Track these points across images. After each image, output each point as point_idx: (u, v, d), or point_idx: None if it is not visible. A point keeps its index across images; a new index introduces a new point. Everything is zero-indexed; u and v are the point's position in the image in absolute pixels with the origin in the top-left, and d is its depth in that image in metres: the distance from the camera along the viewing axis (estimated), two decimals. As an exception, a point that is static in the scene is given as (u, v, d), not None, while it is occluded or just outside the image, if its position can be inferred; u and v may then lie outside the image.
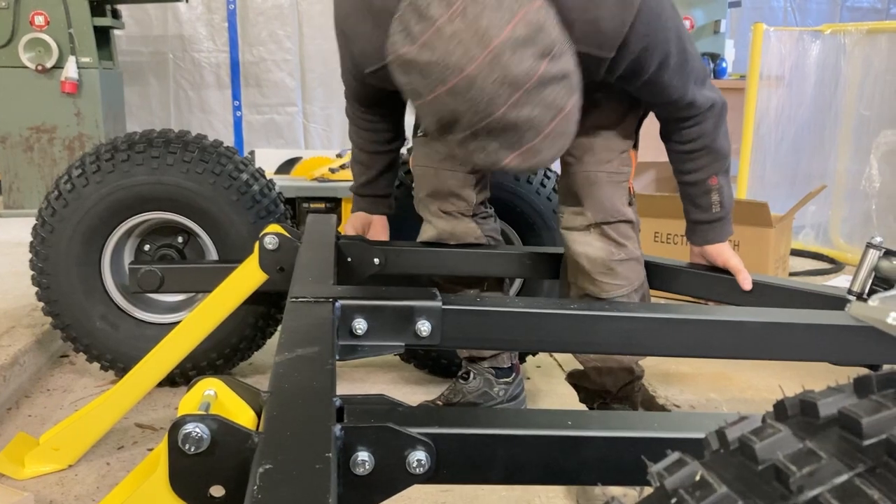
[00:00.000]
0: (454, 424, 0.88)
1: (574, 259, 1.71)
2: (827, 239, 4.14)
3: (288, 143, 5.61)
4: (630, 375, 1.83)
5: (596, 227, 1.68)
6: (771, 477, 0.41)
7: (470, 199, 1.85)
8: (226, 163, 2.11)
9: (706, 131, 1.67)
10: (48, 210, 2.08)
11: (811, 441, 0.41)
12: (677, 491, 0.43)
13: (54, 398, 2.19)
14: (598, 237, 1.68)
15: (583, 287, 1.73)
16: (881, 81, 3.88)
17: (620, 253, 1.69)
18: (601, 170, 1.67)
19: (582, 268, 1.69)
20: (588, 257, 1.68)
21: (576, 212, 1.71)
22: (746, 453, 0.43)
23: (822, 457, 0.40)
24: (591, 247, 1.68)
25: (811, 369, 2.37)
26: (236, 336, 2.16)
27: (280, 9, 5.52)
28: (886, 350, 1.36)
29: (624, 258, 1.69)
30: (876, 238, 1.46)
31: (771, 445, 0.43)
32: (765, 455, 0.42)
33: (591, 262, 1.68)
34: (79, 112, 4.55)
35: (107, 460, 1.83)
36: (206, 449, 0.77)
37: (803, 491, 0.39)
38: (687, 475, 0.44)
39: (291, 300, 1.21)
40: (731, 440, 0.45)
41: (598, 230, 1.69)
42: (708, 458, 0.46)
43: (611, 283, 1.69)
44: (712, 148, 1.67)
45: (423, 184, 1.86)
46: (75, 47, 4.44)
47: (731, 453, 0.45)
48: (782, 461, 0.41)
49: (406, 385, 2.32)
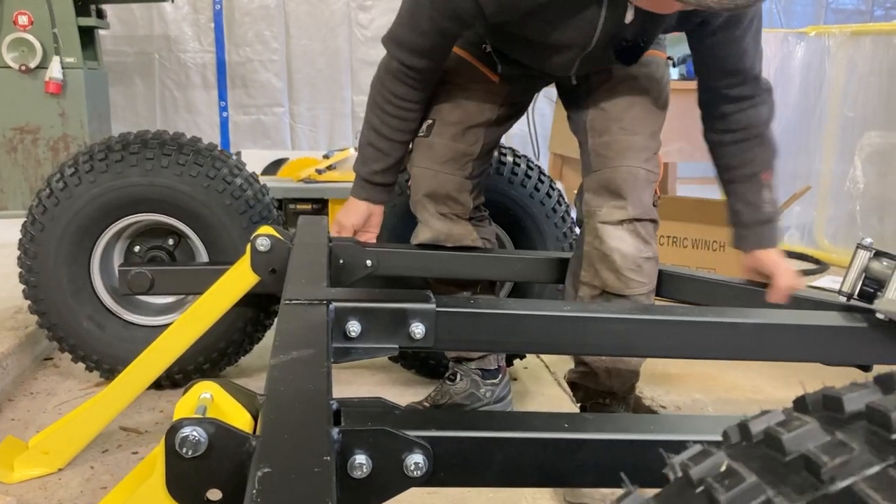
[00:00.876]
0: (451, 427, 0.89)
1: (603, 254, 1.68)
2: (812, 239, 4.17)
3: (274, 144, 5.59)
4: (635, 378, 1.84)
5: (630, 223, 1.67)
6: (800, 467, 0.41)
7: (467, 203, 1.86)
8: (220, 167, 2.10)
9: (762, 117, 1.64)
10: (39, 208, 2.06)
11: (840, 433, 0.42)
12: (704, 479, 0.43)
13: (38, 401, 2.17)
14: (631, 233, 1.67)
15: (605, 284, 1.70)
16: (865, 83, 3.91)
17: (647, 251, 1.69)
18: (643, 166, 1.68)
19: (612, 263, 1.67)
20: (621, 252, 1.67)
21: (617, 206, 1.67)
22: (772, 445, 0.43)
23: (854, 448, 0.40)
24: (624, 242, 1.67)
25: (797, 369, 2.39)
26: (224, 340, 2.15)
27: (267, 9, 5.50)
28: (877, 350, 1.37)
29: (650, 256, 1.69)
30: (866, 239, 1.48)
31: (799, 437, 0.42)
32: (793, 446, 0.42)
33: (623, 258, 1.66)
34: (63, 113, 4.51)
35: (91, 464, 1.81)
36: (203, 452, 0.76)
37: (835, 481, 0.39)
38: (713, 465, 0.44)
39: (285, 302, 1.21)
40: (756, 433, 0.45)
41: (631, 226, 1.67)
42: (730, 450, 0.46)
43: (637, 281, 1.68)
44: (766, 137, 1.64)
45: (422, 184, 1.84)
46: (59, 47, 4.41)
47: (755, 445, 0.45)
48: (813, 451, 0.41)
49: (394, 386, 2.32)
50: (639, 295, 1.69)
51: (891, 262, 1.42)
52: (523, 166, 2.24)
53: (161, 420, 2.06)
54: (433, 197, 1.84)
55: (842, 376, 2.21)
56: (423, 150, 1.85)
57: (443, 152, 1.82)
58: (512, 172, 2.21)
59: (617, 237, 1.67)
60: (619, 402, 1.86)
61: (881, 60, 3.81)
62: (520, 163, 2.24)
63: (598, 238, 1.69)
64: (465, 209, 1.86)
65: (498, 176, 2.18)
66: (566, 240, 2.25)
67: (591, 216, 1.72)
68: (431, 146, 1.83)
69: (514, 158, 2.25)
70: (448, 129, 1.83)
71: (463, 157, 1.83)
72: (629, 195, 1.67)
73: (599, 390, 1.85)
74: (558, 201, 2.25)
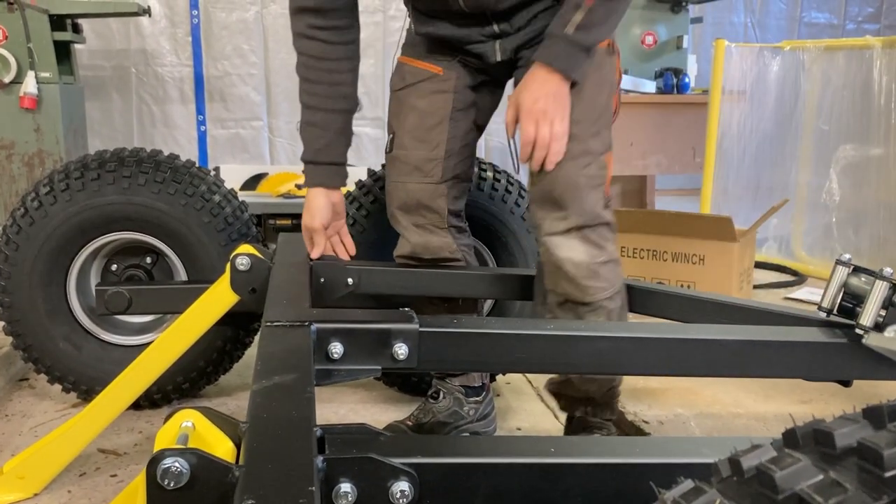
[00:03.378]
0: (437, 454, 0.88)
1: (556, 265, 1.67)
2: (790, 251, 4.21)
3: (253, 158, 5.56)
4: (615, 381, 1.83)
5: (577, 230, 1.65)
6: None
7: (441, 210, 1.83)
8: (198, 184, 2.09)
9: None
10: (13, 227, 2.03)
11: (833, 472, 0.41)
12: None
13: (13, 424, 2.13)
14: (581, 241, 1.65)
15: (565, 293, 1.69)
16: (839, 97, 3.96)
17: (602, 255, 1.67)
18: (581, 173, 1.64)
19: (566, 273, 1.66)
20: (573, 262, 1.65)
21: (558, 217, 1.65)
22: (765, 482, 0.43)
23: (848, 487, 0.39)
24: (574, 251, 1.65)
25: (777, 384, 2.41)
26: (203, 359, 2.13)
27: (245, 23, 5.48)
28: (857, 366, 1.38)
29: (605, 260, 1.67)
30: (844, 255, 1.49)
31: (792, 475, 0.42)
32: (786, 485, 0.42)
33: (575, 267, 1.65)
34: (38, 128, 4.46)
35: (69, 488, 1.78)
36: (185, 484, 0.75)
37: None
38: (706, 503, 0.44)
39: (266, 324, 1.20)
40: (747, 468, 0.45)
41: (579, 234, 1.65)
42: (720, 485, 0.46)
43: (595, 286, 1.66)
44: None
45: (394, 198, 1.85)
46: (34, 62, 4.36)
47: (747, 482, 0.44)
48: (806, 491, 0.40)
49: (375, 404, 2.30)
50: (603, 299, 1.67)
51: (869, 278, 1.43)
52: (503, 182, 2.24)
53: (140, 441, 2.03)
54: (404, 209, 1.84)
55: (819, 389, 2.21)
56: (390, 164, 1.86)
57: (406, 162, 1.81)
58: (492, 188, 2.22)
59: (566, 247, 1.65)
60: (602, 409, 1.85)
61: (854, 75, 3.86)
62: (500, 178, 2.25)
63: (548, 250, 1.68)
64: (441, 217, 1.83)
65: (478, 192, 2.18)
66: (547, 255, 2.25)
67: (537, 229, 1.70)
68: (395, 158, 1.83)
69: (494, 174, 2.25)
70: (407, 137, 1.82)
71: (428, 162, 1.80)
72: (570, 205, 1.64)
73: (578, 397, 1.84)
74: (539, 217, 2.26)
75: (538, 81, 1.59)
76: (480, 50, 1.77)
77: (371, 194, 2.18)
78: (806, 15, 6.59)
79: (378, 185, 2.16)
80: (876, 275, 1.39)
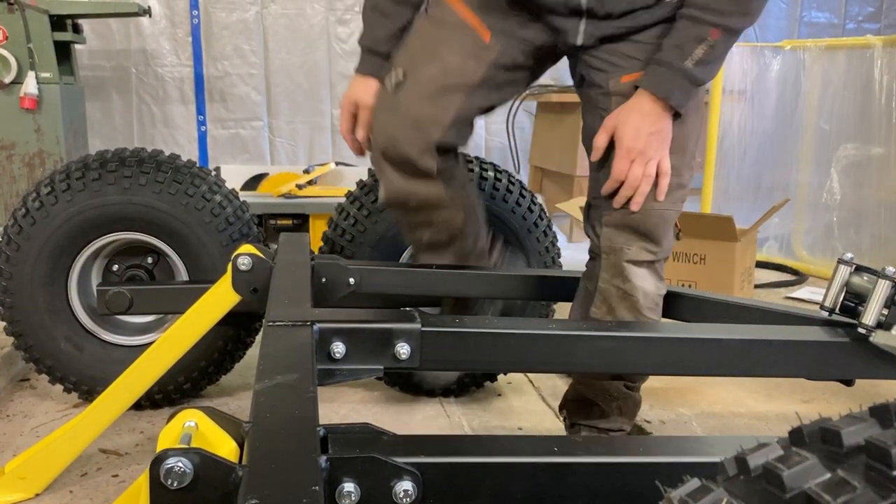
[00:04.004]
0: (440, 453, 0.88)
1: (626, 293, 1.61)
2: (790, 251, 4.21)
3: (253, 158, 5.56)
4: None
5: (657, 262, 1.63)
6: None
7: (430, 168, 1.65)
8: (199, 184, 2.08)
9: None
10: (14, 228, 2.03)
11: (841, 470, 0.41)
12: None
13: (14, 424, 2.13)
14: (653, 273, 1.63)
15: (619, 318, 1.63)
16: (839, 96, 3.96)
17: (663, 287, 1.67)
18: (673, 208, 1.60)
19: (635, 303, 1.61)
20: (645, 292, 1.61)
21: (645, 247, 1.59)
22: (772, 481, 0.43)
23: (856, 486, 0.39)
24: (646, 281, 1.62)
25: (779, 383, 2.41)
26: (205, 359, 2.13)
27: (245, 23, 5.47)
28: (860, 365, 1.38)
29: (664, 293, 1.68)
30: (846, 255, 1.49)
31: (800, 473, 0.42)
32: (794, 483, 0.42)
33: (645, 297, 1.62)
34: (39, 128, 4.46)
35: (70, 489, 1.77)
36: (188, 484, 0.75)
37: None
38: (712, 502, 0.44)
39: (268, 324, 1.20)
40: (754, 467, 0.45)
41: (656, 266, 1.63)
42: (727, 484, 0.45)
43: (652, 319, 1.65)
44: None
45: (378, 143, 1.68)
46: (35, 62, 4.36)
47: (754, 480, 0.44)
48: (814, 490, 0.40)
49: (377, 404, 2.30)
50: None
51: (871, 276, 1.43)
52: (504, 181, 2.24)
53: (142, 441, 2.03)
54: (390, 159, 1.66)
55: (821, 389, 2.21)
56: (386, 107, 1.67)
57: (406, 115, 1.62)
58: (493, 188, 2.21)
59: (643, 276, 1.61)
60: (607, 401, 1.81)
61: (855, 74, 3.87)
62: (501, 178, 2.24)
63: (622, 276, 1.61)
64: (430, 172, 1.66)
65: (479, 192, 2.18)
66: (548, 254, 2.25)
67: (615, 253, 1.61)
68: (396, 106, 1.64)
69: (496, 174, 2.25)
70: (420, 87, 1.62)
71: (431, 123, 1.62)
72: (660, 239, 1.60)
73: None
74: (540, 216, 2.25)
75: (642, 114, 1.49)
76: (561, 25, 1.58)
77: (373, 194, 2.18)
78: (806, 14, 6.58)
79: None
80: (878, 274, 1.39)
